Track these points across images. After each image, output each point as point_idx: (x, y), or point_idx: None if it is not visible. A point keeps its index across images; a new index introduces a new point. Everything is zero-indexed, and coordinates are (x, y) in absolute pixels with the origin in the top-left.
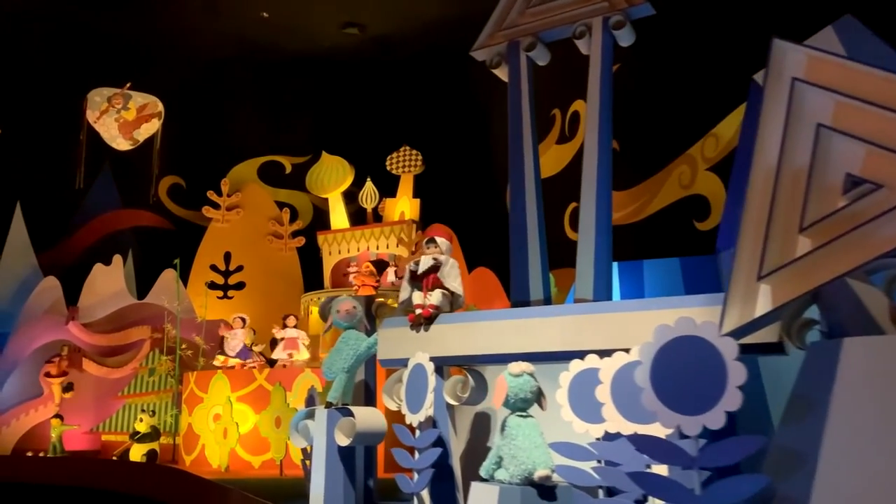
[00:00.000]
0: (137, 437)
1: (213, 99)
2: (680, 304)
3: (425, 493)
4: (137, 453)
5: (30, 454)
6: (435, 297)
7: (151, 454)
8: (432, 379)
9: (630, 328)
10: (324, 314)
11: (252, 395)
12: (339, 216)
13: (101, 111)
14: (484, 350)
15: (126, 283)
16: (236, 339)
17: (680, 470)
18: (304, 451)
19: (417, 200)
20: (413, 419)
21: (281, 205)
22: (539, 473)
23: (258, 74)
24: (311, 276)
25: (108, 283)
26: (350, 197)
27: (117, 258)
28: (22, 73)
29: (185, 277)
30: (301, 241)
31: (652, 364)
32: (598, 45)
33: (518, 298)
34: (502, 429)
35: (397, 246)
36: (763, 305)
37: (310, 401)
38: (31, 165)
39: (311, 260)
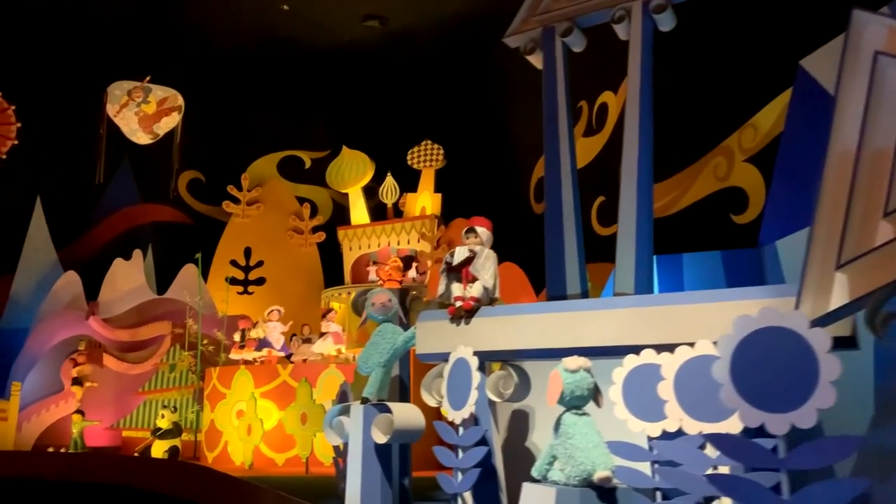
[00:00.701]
0: (159, 434)
1: (233, 93)
2: (744, 296)
3: (468, 494)
4: (159, 450)
5: (51, 450)
6: (476, 289)
7: (173, 451)
8: (477, 374)
9: (690, 321)
10: (357, 307)
11: (276, 391)
12: (359, 211)
13: (121, 105)
14: (530, 345)
15: (146, 279)
16: (276, 332)
17: (742, 471)
18: (336, 448)
19: (439, 195)
20: (456, 416)
21: (300, 200)
22: (599, 475)
23: (278, 68)
24: (332, 272)
25: (129, 278)
26: (370, 192)
27: (137, 253)
28: (41, 67)
29: (205, 273)
30: (321, 236)
31: (732, 358)
32: (637, 29)
33: (555, 293)
34: (556, 427)
35: (419, 241)
36: (840, 297)
37: (342, 396)
38: (51, 160)
39: (331, 255)
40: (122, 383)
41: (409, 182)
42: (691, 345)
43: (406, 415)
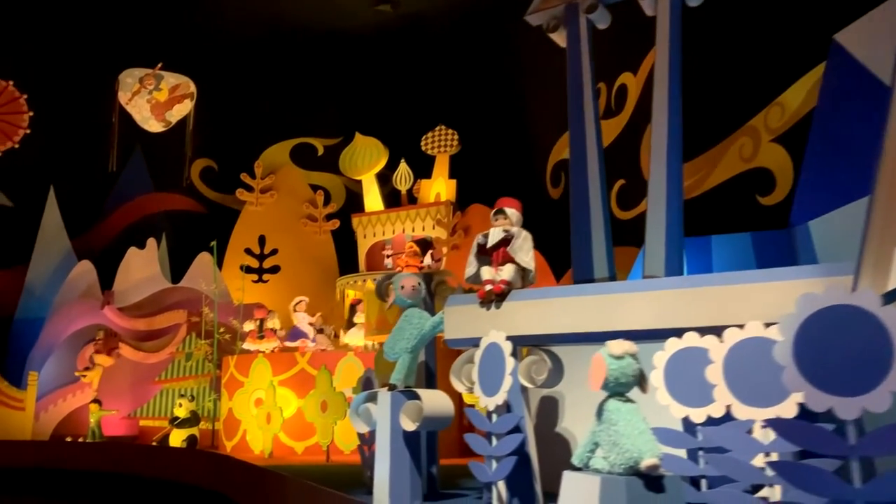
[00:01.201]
0: (177, 423)
1: (244, 80)
2: (793, 276)
3: (501, 482)
4: (177, 439)
5: (69, 440)
6: (506, 271)
7: (191, 439)
8: (510, 360)
9: (737, 302)
10: (381, 292)
11: (294, 379)
12: (373, 198)
13: (133, 92)
14: (564, 328)
15: (160, 267)
16: (305, 322)
17: (792, 456)
18: (361, 436)
19: (454, 181)
20: (489, 402)
21: (313, 188)
22: (646, 462)
23: (289, 54)
24: (346, 260)
25: (143, 266)
26: (383, 179)
27: (151, 241)
28: (52, 55)
29: (219, 261)
30: (336, 223)
31: (795, 338)
32: (665, 4)
33: (581, 277)
34: (599, 413)
35: (434, 228)
36: None
37: (367, 383)
38: (64, 149)
39: (345, 243)
40: (139, 372)
41: (422, 168)
42: (740, 327)
43: (435, 401)
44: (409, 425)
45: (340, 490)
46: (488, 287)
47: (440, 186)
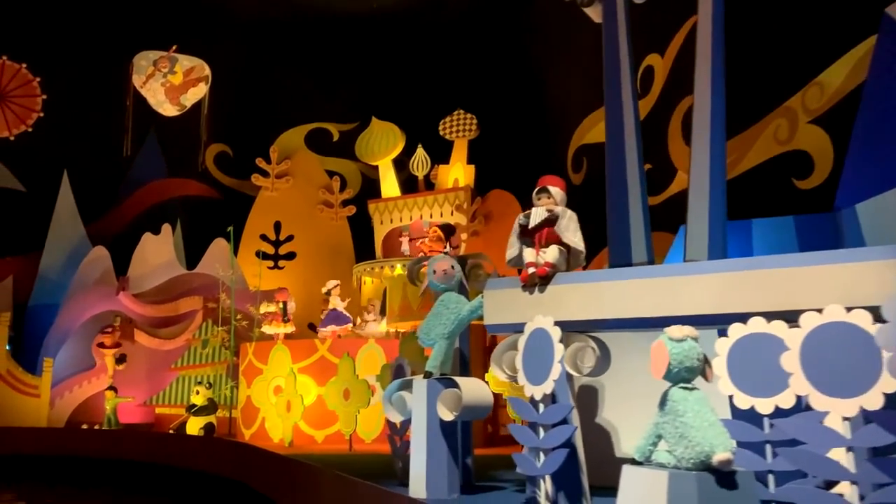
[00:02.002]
0: (194, 410)
1: (258, 63)
2: (872, 256)
3: (548, 476)
4: (195, 426)
5: (85, 427)
6: (551, 253)
7: (209, 427)
8: (559, 347)
9: (808, 284)
10: (413, 276)
11: (314, 366)
12: (389, 184)
13: (148, 75)
14: (614, 314)
15: (175, 253)
16: (341, 307)
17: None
18: (391, 425)
19: (472, 167)
20: (535, 391)
21: (329, 174)
22: (719, 457)
23: (304, 37)
24: (363, 246)
25: (158, 252)
26: (399, 165)
27: (166, 227)
28: (65, 38)
29: (234, 247)
30: (352, 209)
31: None
32: None
33: (619, 261)
34: (662, 403)
35: (452, 214)
36: None
37: (398, 370)
38: (77, 133)
39: (361, 229)
40: (155, 359)
41: (439, 153)
42: (818, 311)
43: (474, 390)
44: (447, 415)
45: (372, 481)
46: (531, 270)
47: (458, 172)
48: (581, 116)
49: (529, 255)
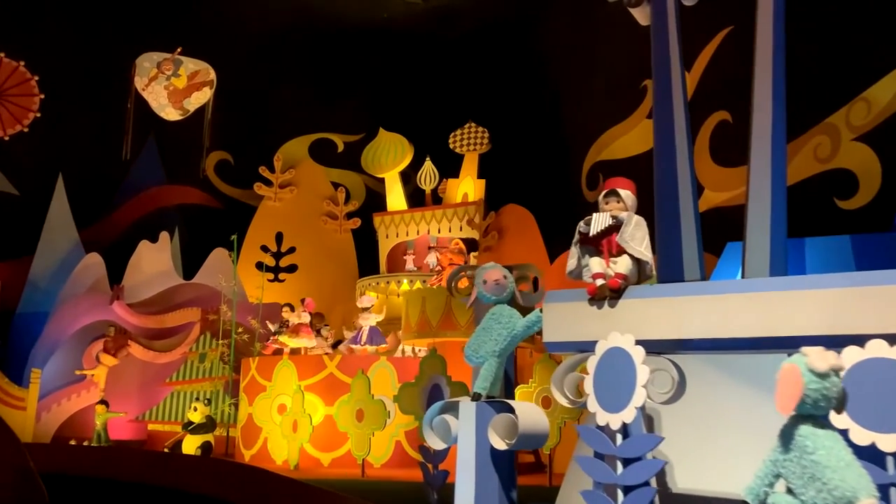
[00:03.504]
0: (191, 428)
1: (263, 70)
2: None
3: None
4: (191, 445)
5: (73, 443)
6: (623, 263)
7: (206, 447)
8: (643, 370)
9: None
10: (452, 286)
11: (322, 384)
12: (396, 197)
13: (150, 78)
14: (702, 333)
15: (172, 263)
16: (368, 322)
17: None
18: (424, 451)
19: (482, 181)
20: (611, 420)
21: (334, 185)
22: (864, 503)
23: (312, 45)
24: (367, 260)
25: (155, 261)
26: (405, 178)
27: (164, 235)
28: (66, 36)
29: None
30: (357, 222)
31: None
32: None
33: (668, 278)
34: (786, 440)
35: (461, 229)
36: None
37: (434, 391)
38: (75, 135)
39: (366, 243)
40: (148, 373)
41: (447, 167)
42: None
43: (531, 415)
44: (501, 443)
45: None
46: (600, 282)
47: (468, 186)
48: (597, 132)
49: (597, 265)
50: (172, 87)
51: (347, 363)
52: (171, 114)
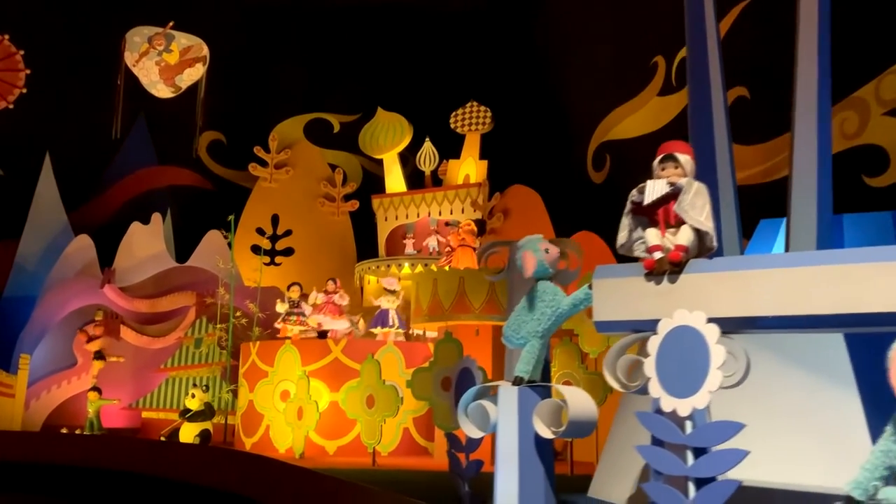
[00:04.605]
0: (189, 416)
1: (256, 47)
2: None
3: None
4: (189, 433)
5: (64, 431)
6: (683, 234)
7: (205, 435)
8: (717, 350)
9: None
10: (483, 257)
11: (326, 370)
12: (395, 179)
13: (141, 53)
14: (775, 310)
15: (165, 245)
16: (390, 305)
17: None
18: (453, 439)
19: (484, 162)
20: (679, 406)
21: (332, 166)
22: None
23: (307, 20)
24: (365, 244)
25: (147, 244)
26: (403, 160)
27: (157, 217)
28: (53, 9)
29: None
30: (355, 204)
31: None
32: None
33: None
34: None
35: (463, 212)
36: None
37: (464, 375)
38: (62, 112)
39: (364, 226)
40: (142, 359)
41: (447, 148)
42: None
43: (580, 401)
44: (547, 431)
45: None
46: (658, 255)
47: (470, 167)
48: (603, 112)
49: (654, 236)
50: (164, 62)
51: (353, 348)
52: (162, 91)
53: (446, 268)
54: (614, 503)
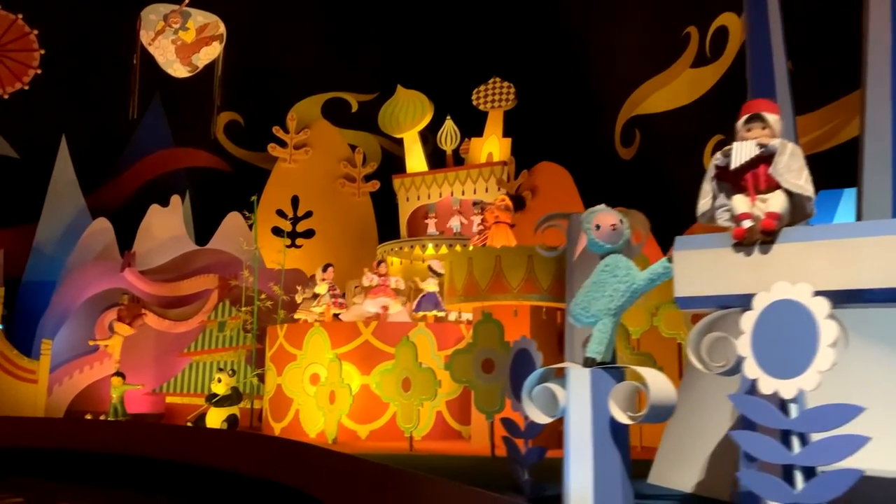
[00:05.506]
0: (216, 400)
1: (273, 25)
2: None
3: None
4: (216, 418)
5: (89, 417)
6: (776, 201)
7: (232, 419)
8: (829, 326)
9: None
10: (542, 230)
11: (356, 352)
12: (415, 158)
13: (157, 31)
14: (886, 282)
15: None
16: (431, 287)
17: None
18: (510, 425)
19: (508, 140)
20: (782, 387)
21: (352, 147)
22: None
23: None
24: (386, 225)
25: (167, 226)
26: (423, 139)
27: (176, 199)
28: None
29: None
30: (376, 184)
31: None
32: None
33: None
34: None
35: (486, 191)
36: None
37: (521, 356)
38: (78, 94)
39: (385, 207)
40: (164, 343)
41: (468, 126)
42: None
43: (660, 384)
44: (624, 417)
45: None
46: (748, 223)
47: (493, 145)
48: (632, 85)
49: (742, 203)
50: (180, 41)
51: (383, 330)
52: (179, 70)
53: (479, 246)
54: (682, 490)
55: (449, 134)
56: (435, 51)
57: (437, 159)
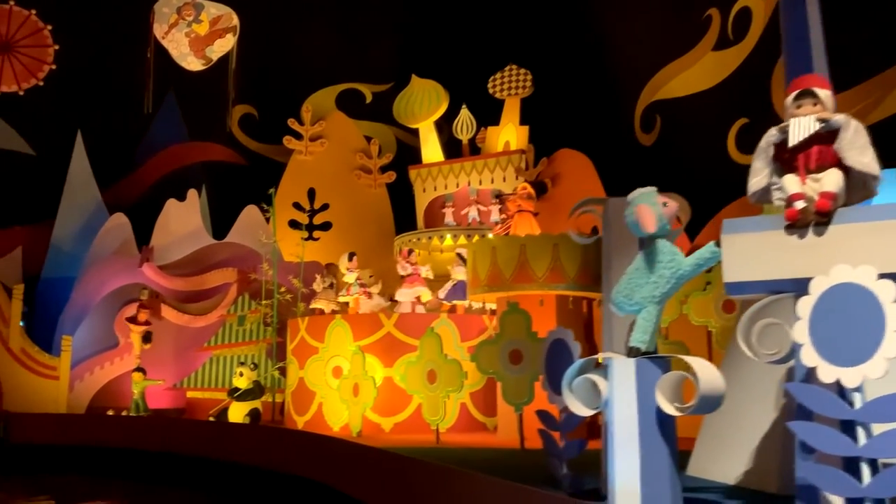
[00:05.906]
0: (237, 395)
1: (286, 16)
2: None
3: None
4: (238, 413)
5: (111, 412)
6: (830, 180)
7: (255, 414)
8: (895, 310)
9: None
10: (577, 216)
11: (378, 344)
12: (431, 148)
13: (170, 24)
14: None
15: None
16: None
17: None
18: (547, 417)
19: (525, 128)
20: (845, 376)
21: (367, 138)
22: None
23: None
24: (402, 216)
25: (184, 220)
26: (438, 128)
27: (192, 193)
28: None
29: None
30: (392, 175)
31: None
32: None
33: None
34: None
35: (504, 180)
36: None
37: (557, 347)
38: (93, 89)
39: (401, 198)
40: (184, 338)
41: (484, 115)
42: None
43: (709, 374)
44: (672, 408)
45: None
46: (800, 204)
47: (510, 134)
48: (652, 70)
49: (793, 183)
50: (194, 34)
51: (405, 322)
52: (193, 63)
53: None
54: (725, 482)
55: (465, 123)
56: (449, 39)
57: (453, 149)
